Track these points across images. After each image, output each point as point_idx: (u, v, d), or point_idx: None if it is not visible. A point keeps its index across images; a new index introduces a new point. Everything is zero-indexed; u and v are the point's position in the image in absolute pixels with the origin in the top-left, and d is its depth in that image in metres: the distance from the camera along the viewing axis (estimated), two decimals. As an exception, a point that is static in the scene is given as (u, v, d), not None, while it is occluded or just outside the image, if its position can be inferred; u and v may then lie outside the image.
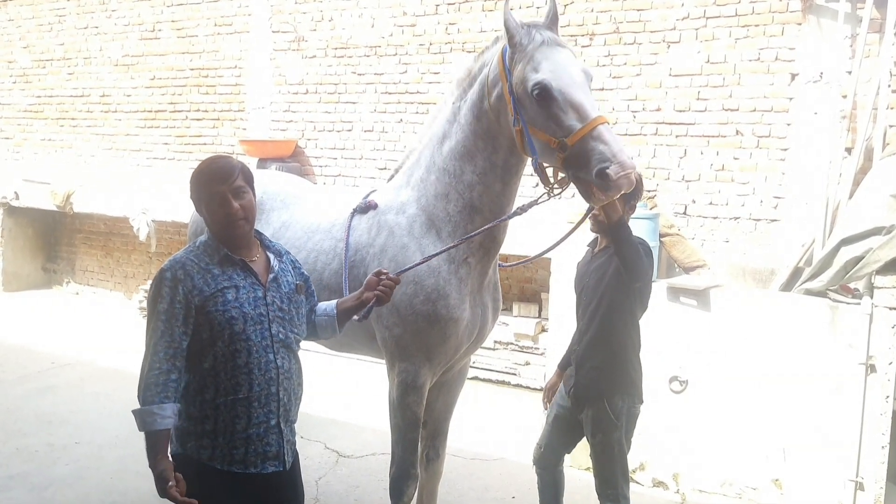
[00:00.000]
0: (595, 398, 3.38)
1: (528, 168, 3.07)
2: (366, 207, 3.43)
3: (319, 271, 3.46)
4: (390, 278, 2.69)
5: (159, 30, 8.93)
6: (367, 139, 7.60)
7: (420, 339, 3.18)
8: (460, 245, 3.13)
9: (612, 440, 3.37)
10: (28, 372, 6.56)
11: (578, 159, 2.68)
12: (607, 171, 2.58)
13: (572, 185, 2.85)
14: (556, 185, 2.91)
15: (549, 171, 2.94)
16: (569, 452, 3.66)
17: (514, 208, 3.15)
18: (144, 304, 8.35)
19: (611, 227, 3.05)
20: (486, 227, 3.09)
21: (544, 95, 2.73)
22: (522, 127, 2.84)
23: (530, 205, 2.99)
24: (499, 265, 3.54)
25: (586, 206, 3.31)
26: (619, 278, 3.29)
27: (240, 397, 2.42)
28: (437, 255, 3.06)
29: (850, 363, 4.19)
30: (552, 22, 2.98)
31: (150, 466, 2.36)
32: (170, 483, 2.28)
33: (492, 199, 3.13)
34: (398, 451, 3.34)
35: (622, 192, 2.67)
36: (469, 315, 3.26)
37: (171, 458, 2.38)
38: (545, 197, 2.95)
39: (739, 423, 4.48)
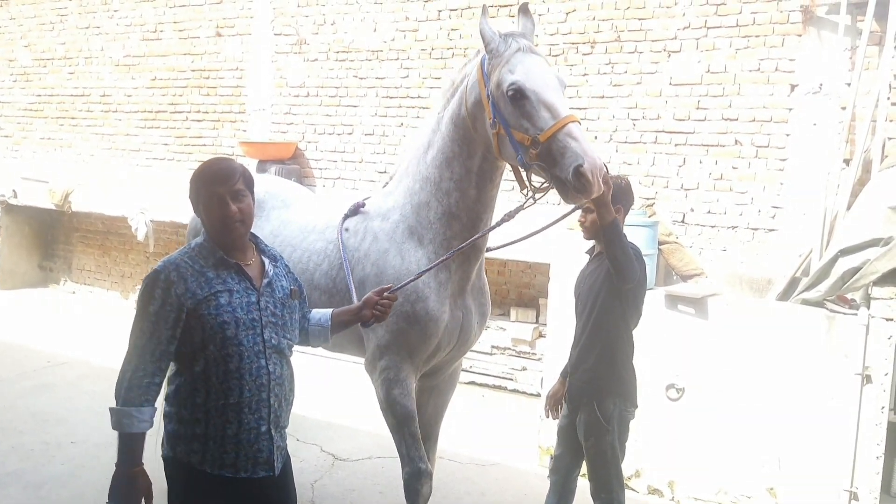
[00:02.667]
0: (587, 402, 3.42)
1: (507, 185, 3.12)
2: (355, 212, 3.55)
3: (311, 271, 3.56)
4: (388, 297, 2.75)
5: (161, 31, 8.94)
6: (368, 142, 7.61)
7: (401, 338, 3.26)
8: (440, 252, 3.23)
9: (605, 444, 3.38)
10: (24, 370, 6.55)
11: (551, 156, 2.79)
12: (582, 168, 2.69)
13: (545, 185, 2.95)
14: (535, 191, 3.01)
15: (526, 177, 3.03)
16: (581, 461, 3.61)
17: (495, 217, 3.22)
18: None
19: (603, 229, 3.09)
20: (472, 238, 3.20)
21: (518, 95, 2.86)
22: (502, 127, 2.94)
23: (515, 211, 3.08)
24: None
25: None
26: (610, 283, 3.34)
27: (230, 402, 2.40)
28: (430, 269, 3.14)
29: (845, 373, 4.21)
30: (529, 32, 3.12)
31: (123, 471, 2.38)
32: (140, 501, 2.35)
33: (468, 206, 3.24)
34: (402, 449, 3.35)
35: (594, 194, 2.76)
36: (449, 317, 3.32)
37: (145, 470, 2.41)
38: (530, 202, 3.04)
39: (735, 432, 4.49)
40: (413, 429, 3.34)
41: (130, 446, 2.37)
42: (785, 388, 4.37)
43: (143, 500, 2.37)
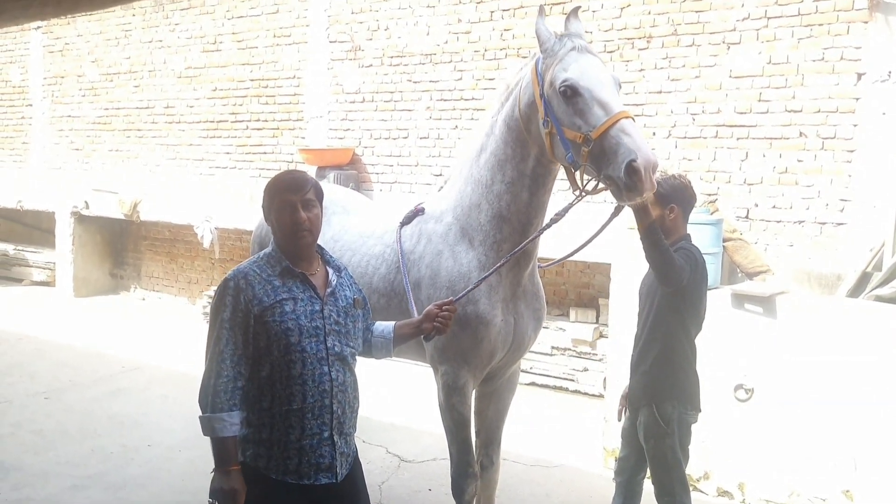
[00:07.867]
0: (646, 404, 3.41)
1: (561, 184, 3.13)
2: (413, 215, 3.61)
3: (370, 275, 3.65)
4: (448, 309, 2.79)
5: (220, 42, 9.18)
6: (423, 146, 7.67)
7: (455, 342, 3.31)
8: (490, 254, 3.26)
9: (665, 446, 3.36)
10: (99, 375, 6.82)
11: (604, 153, 2.76)
12: (635, 163, 2.65)
13: (600, 187, 2.91)
14: (585, 192, 2.97)
15: (578, 177, 2.99)
16: (646, 463, 3.58)
17: (547, 219, 3.19)
18: (208, 311, 8.59)
19: (640, 233, 3.05)
20: (525, 242, 3.19)
21: (571, 92, 2.85)
22: (553, 125, 2.93)
23: (564, 211, 3.03)
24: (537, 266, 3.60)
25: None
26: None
27: (293, 408, 2.47)
28: (488, 276, 3.13)
29: (924, 372, 4.06)
30: (580, 33, 3.09)
31: (221, 470, 2.44)
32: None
33: (519, 209, 3.24)
34: (454, 451, 3.49)
35: (646, 193, 2.71)
36: (501, 322, 3.34)
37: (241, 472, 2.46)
38: (579, 199, 3.01)
39: (807, 432, 4.38)
40: (466, 434, 3.46)
41: (224, 449, 2.46)
42: (858, 388, 4.24)
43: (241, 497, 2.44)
